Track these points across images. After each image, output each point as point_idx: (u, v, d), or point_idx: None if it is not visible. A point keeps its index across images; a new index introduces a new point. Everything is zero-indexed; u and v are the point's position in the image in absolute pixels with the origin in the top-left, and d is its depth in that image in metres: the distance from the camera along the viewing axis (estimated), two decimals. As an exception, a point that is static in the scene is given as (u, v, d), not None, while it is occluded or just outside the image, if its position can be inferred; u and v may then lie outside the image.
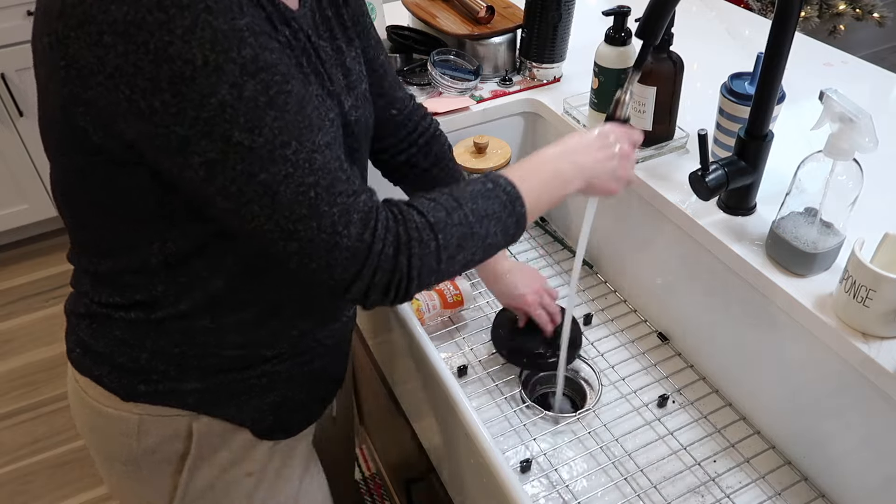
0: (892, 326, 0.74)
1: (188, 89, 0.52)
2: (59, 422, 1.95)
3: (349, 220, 0.59)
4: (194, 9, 0.51)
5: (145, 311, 0.70)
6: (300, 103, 0.57)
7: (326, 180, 0.58)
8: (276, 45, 0.55)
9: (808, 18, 2.52)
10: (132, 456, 0.75)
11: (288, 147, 0.55)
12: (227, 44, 0.52)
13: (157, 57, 0.51)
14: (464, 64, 1.25)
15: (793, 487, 0.88)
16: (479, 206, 0.66)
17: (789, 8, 0.76)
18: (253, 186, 0.56)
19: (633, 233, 1.09)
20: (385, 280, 0.62)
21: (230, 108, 0.53)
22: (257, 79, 0.53)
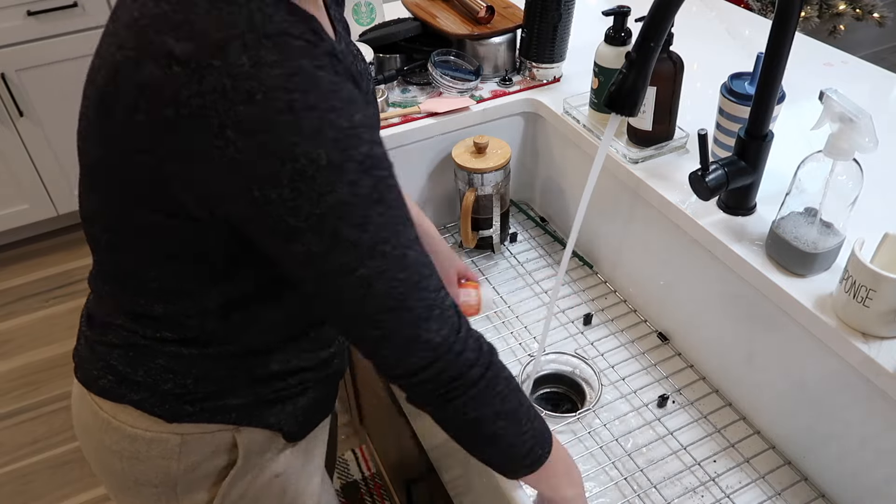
0: (892, 326, 0.74)
1: (307, 186, 0.53)
2: (59, 422, 1.95)
3: (430, 316, 0.60)
4: (321, 109, 0.52)
5: (198, 347, 0.70)
6: (399, 196, 0.58)
7: (416, 277, 0.59)
8: (378, 138, 0.57)
9: (808, 18, 2.52)
10: (169, 477, 0.75)
11: (387, 243, 0.57)
12: (348, 143, 0.53)
13: (282, 156, 0.52)
14: (464, 64, 1.25)
15: (793, 487, 0.88)
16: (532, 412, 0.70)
17: (789, 8, 0.76)
18: (349, 279, 0.57)
19: (633, 233, 1.09)
20: (449, 378, 0.63)
21: (345, 206, 0.54)
22: (371, 175, 0.55)
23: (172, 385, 0.71)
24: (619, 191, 1.07)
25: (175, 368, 0.71)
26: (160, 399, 0.72)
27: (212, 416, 0.73)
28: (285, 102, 0.51)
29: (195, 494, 0.77)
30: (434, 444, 1.03)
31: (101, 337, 0.73)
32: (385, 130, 1.15)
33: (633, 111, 0.78)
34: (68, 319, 2.26)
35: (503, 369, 0.67)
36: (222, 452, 0.76)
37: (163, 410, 0.72)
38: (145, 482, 0.76)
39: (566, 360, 1.06)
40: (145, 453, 0.74)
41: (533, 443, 0.70)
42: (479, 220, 1.19)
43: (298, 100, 0.51)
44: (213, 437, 0.74)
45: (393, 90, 1.26)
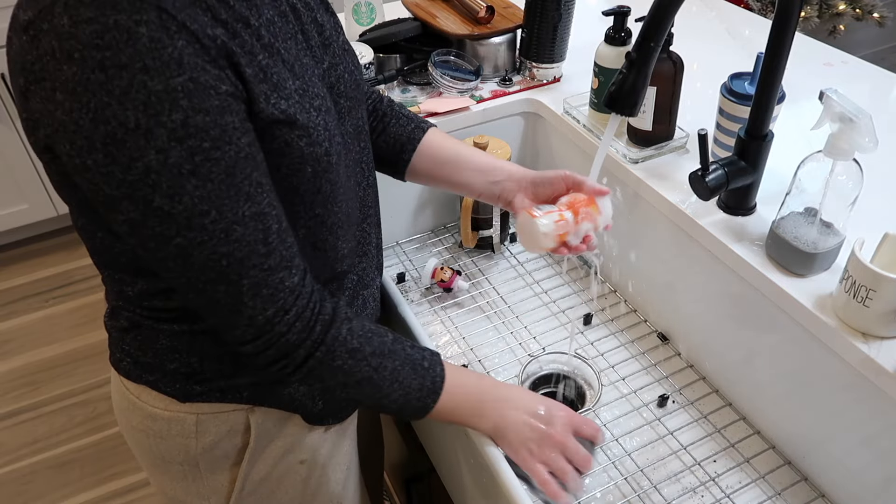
0: (892, 326, 0.74)
1: (118, 151, 0.53)
2: (59, 422, 1.96)
3: (256, 293, 0.61)
4: (132, 69, 0.51)
5: (188, 323, 0.71)
6: (229, 170, 0.56)
7: (242, 252, 0.59)
8: (214, 104, 0.54)
9: (808, 18, 2.52)
10: (190, 455, 0.77)
11: (206, 216, 0.57)
12: (159, 106, 0.52)
13: (95, 117, 0.52)
14: (464, 64, 1.25)
15: (793, 487, 0.88)
16: (403, 371, 0.71)
17: (789, 8, 0.76)
18: (168, 248, 0.58)
19: (632, 233, 1.09)
20: (274, 357, 0.66)
21: (154, 174, 0.54)
22: (184, 145, 0.54)
23: (178, 365, 0.73)
24: (620, 191, 1.07)
25: (178, 348, 0.72)
26: (171, 379, 0.74)
27: (223, 395, 0.75)
28: (97, 61, 0.51)
29: (218, 473, 0.79)
30: (434, 444, 1.03)
31: (114, 322, 0.76)
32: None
33: (633, 111, 0.78)
34: (68, 319, 2.26)
35: (347, 341, 0.67)
36: (238, 432, 0.77)
37: (174, 390, 0.74)
38: (171, 460, 0.78)
39: (566, 360, 1.06)
40: (166, 432, 0.76)
41: (403, 400, 0.72)
42: (479, 220, 1.19)
43: (109, 58, 0.51)
44: (228, 417, 0.76)
45: (393, 90, 1.26)
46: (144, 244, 0.58)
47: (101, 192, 0.56)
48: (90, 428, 1.94)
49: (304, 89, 0.63)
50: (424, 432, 1.06)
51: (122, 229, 0.58)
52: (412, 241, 1.29)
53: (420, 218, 1.29)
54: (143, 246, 0.59)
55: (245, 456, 0.78)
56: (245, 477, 0.79)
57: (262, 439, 0.78)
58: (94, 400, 2.01)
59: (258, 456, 0.79)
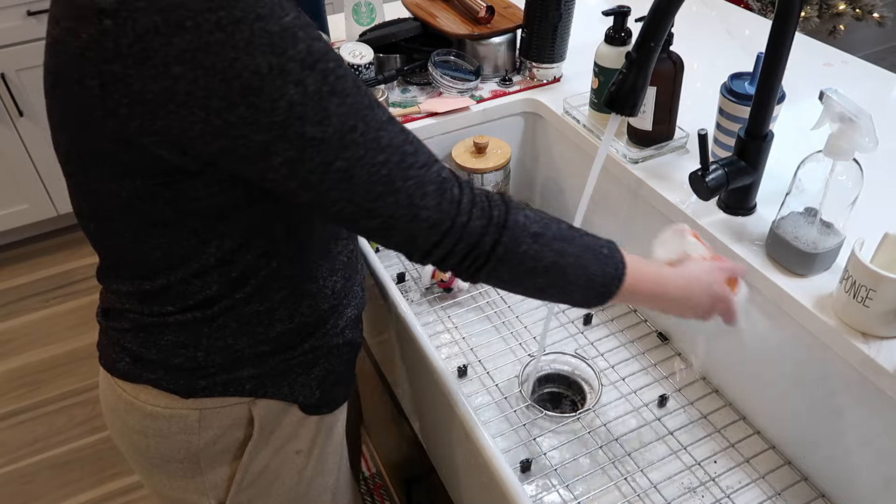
0: (892, 326, 0.74)
1: (259, 98, 0.54)
2: (59, 422, 1.95)
3: (425, 192, 0.61)
4: (248, 20, 0.53)
5: (201, 311, 0.71)
6: (356, 84, 0.58)
7: (396, 156, 0.60)
8: (316, 33, 0.57)
9: (808, 18, 2.52)
10: (191, 452, 0.77)
11: (355, 131, 0.58)
12: (283, 45, 0.54)
13: (226, 75, 0.53)
14: (464, 64, 1.25)
15: (793, 487, 0.88)
16: (585, 256, 0.68)
17: (789, 8, 0.76)
18: (331, 174, 0.58)
19: (633, 233, 1.09)
20: (464, 251, 0.63)
21: (299, 106, 0.55)
22: (316, 70, 0.55)
23: (183, 359, 0.73)
24: (619, 191, 1.07)
25: (184, 342, 0.72)
26: (174, 375, 0.74)
27: (225, 388, 0.75)
28: (213, 22, 0.52)
29: (218, 468, 0.79)
30: (434, 444, 1.03)
31: (115, 324, 0.75)
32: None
33: (633, 111, 0.78)
34: (68, 319, 2.26)
35: (527, 225, 0.65)
36: (240, 426, 0.78)
37: (177, 386, 0.74)
38: (170, 458, 0.78)
39: (566, 360, 1.06)
40: (167, 430, 0.76)
41: (587, 286, 0.68)
42: (479, 220, 1.19)
43: (224, 17, 0.52)
44: (230, 411, 0.76)
45: (393, 90, 1.26)
46: (308, 182, 0.58)
47: (253, 143, 0.56)
48: (90, 428, 1.94)
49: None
50: (424, 432, 1.06)
51: (281, 174, 0.58)
52: (412, 241, 1.29)
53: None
54: (307, 185, 0.59)
55: (247, 448, 0.79)
56: (245, 470, 0.80)
57: (264, 431, 0.79)
58: (94, 400, 2.01)
59: (260, 448, 0.79)
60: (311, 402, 0.81)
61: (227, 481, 0.81)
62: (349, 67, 0.59)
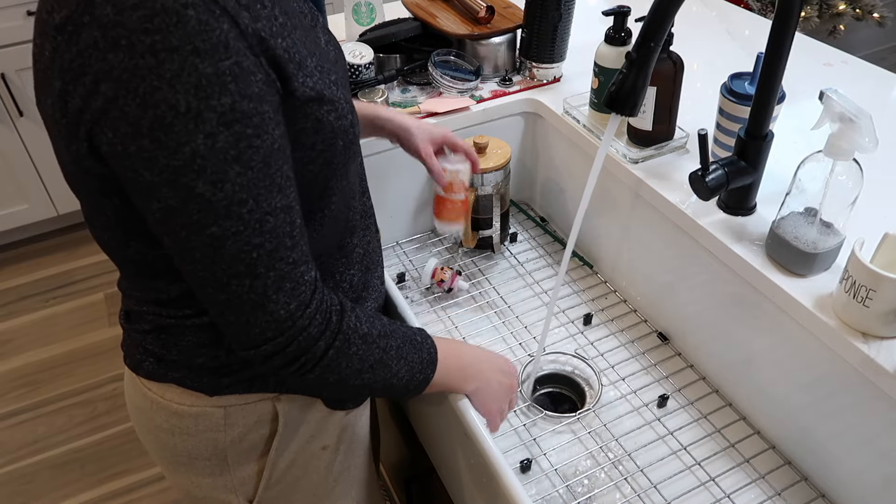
0: (892, 326, 0.74)
1: (166, 136, 0.52)
2: (59, 422, 1.95)
3: (280, 287, 0.61)
4: (182, 51, 0.51)
5: None
6: (266, 160, 0.56)
7: (271, 244, 0.59)
8: (255, 91, 0.54)
9: (808, 18, 2.52)
10: (218, 449, 0.77)
11: (244, 205, 0.56)
12: (209, 89, 0.52)
13: (143, 101, 0.51)
14: (464, 64, 1.25)
15: (793, 487, 0.88)
16: (405, 348, 0.73)
17: (789, 8, 0.76)
18: (201, 237, 0.57)
19: (633, 233, 1.09)
20: (295, 354, 0.64)
21: (200, 159, 0.53)
22: (231, 130, 0.53)
23: (205, 359, 0.73)
24: (619, 191, 1.07)
25: (205, 342, 0.72)
26: (198, 374, 0.74)
27: (249, 385, 0.75)
28: (147, 45, 0.50)
29: (246, 465, 0.80)
30: (434, 444, 1.03)
31: (136, 326, 0.76)
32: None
33: (633, 111, 0.78)
34: (68, 319, 2.26)
35: (357, 327, 0.68)
36: (265, 422, 0.78)
37: (202, 385, 0.74)
38: (197, 456, 0.78)
39: (566, 360, 1.06)
40: (194, 428, 0.76)
41: (409, 376, 0.73)
42: (479, 220, 1.19)
43: (159, 41, 0.50)
44: (255, 407, 0.76)
45: (393, 90, 1.26)
46: (175, 234, 0.57)
47: (141, 179, 0.55)
48: (90, 428, 1.94)
49: (321, 65, 0.63)
50: (424, 432, 1.06)
51: (154, 218, 0.57)
52: (412, 241, 1.29)
53: (420, 218, 1.29)
54: (173, 235, 0.58)
55: (273, 444, 0.79)
56: (272, 466, 0.80)
57: (289, 426, 0.79)
58: (94, 400, 2.01)
59: (286, 444, 0.80)
60: (334, 397, 0.81)
61: (255, 478, 0.81)
62: (273, 141, 0.57)
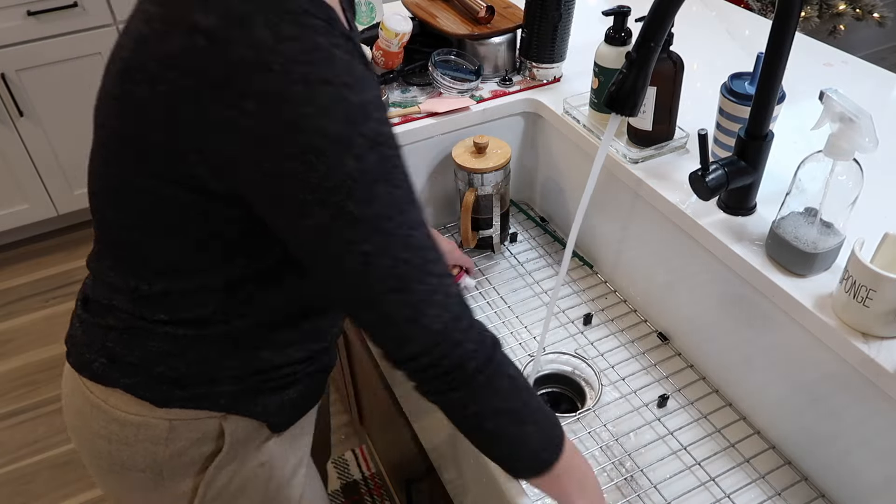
0: (892, 326, 0.74)
1: (317, 159, 0.54)
2: (59, 422, 1.95)
3: (431, 301, 0.61)
4: (335, 84, 0.54)
5: (195, 328, 0.71)
6: (406, 178, 0.59)
7: (419, 258, 0.60)
8: (387, 117, 0.58)
9: (808, 18, 2.52)
10: (156, 462, 0.75)
11: (391, 220, 0.58)
12: (358, 117, 0.55)
13: (291, 127, 0.54)
14: (464, 64, 1.25)
15: (793, 487, 0.88)
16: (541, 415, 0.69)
17: (789, 8, 0.76)
18: (351, 255, 0.58)
19: (633, 233, 1.09)
20: (448, 368, 0.63)
21: (351, 181, 0.55)
22: (377, 152, 0.56)
23: (165, 368, 0.72)
24: (619, 191, 1.07)
25: (170, 351, 0.71)
26: (152, 383, 0.72)
27: (200, 402, 0.74)
28: (301, 74, 0.53)
29: (180, 481, 0.77)
30: (434, 444, 1.03)
31: (99, 319, 0.74)
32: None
33: (633, 111, 0.78)
34: (68, 319, 2.26)
35: (508, 366, 0.66)
36: (209, 439, 0.76)
37: (153, 395, 0.73)
38: (132, 466, 0.76)
39: (566, 360, 1.06)
40: (133, 437, 0.74)
41: (538, 446, 0.69)
42: (479, 220, 1.19)
43: (313, 73, 0.53)
44: (201, 424, 0.75)
45: (393, 90, 1.26)
46: (326, 252, 0.58)
47: (292, 198, 0.56)
48: (90, 428, 1.94)
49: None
50: (424, 432, 1.06)
51: (305, 236, 0.58)
52: (412, 241, 1.29)
53: (420, 218, 1.28)
54: (323, 254, 0.59)
55: (214, 462, 0.77)
56: (208, 484, 0.78)
57: (234, 446, 0.77)
58: (94, 400, 2.01)
59: (227, 462, 0.78)
60: (280, 421, 0.81)
61: (189, 495, 0.78)
62: (404, 162, 0.60)
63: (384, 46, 1.20)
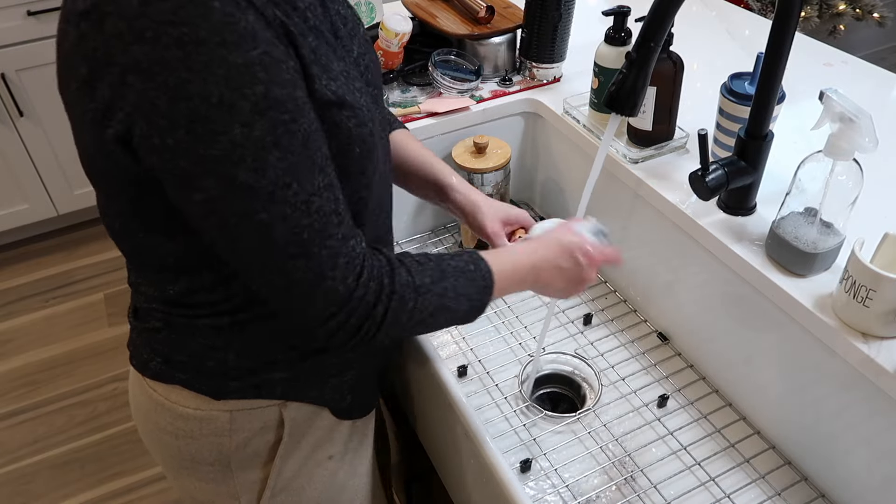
0: (892, 326, 0.74)
1: (202, 127, 0.53)
2: (59, 422, 1.96)
3: (335, 263, 0.61)
4: (210, 43, 0.51)
5: (231, 318, 0.71)
6: (305, 143, 0.57)
7: (320, 223, 0.59)
8: (286, 77, 0.55)
9: (808, 18, 2.52)
10: (223, 454, 0.77)
11: (289, 188, 0.57)
12: (240, 80, 0.52)
13: (174, 94, 0.52)
14: (464, 64, 1.25)
15: (793, 487, 0.88)
16: (459, 284, 0.71)
17: (789, 8, 0.76)
18: (250, 224, 0.57)
19: (633, 233, 1.09)
20: (357, 324, 0.64)
21: (239, 148, 0.54)
22: (266, 117, 0.54)
23: (214, 362, 0.73)
24: (619, 191, 1.07)
25: (215, 345, 0.72)
26: (206, 377, 0.74)
27: (257, 391, 0.75)
28: (174, 38, 0.50)
29: (249, 472, 0.79)
30: (434, 444, 1.03)
31: (145, 324, 0.75)
32: (385, 130, 1.15)
33: (633, 111, 0.78)
34: (68, 319, 2.26)
35: (409, 282, 0.67)
36: (271, 428, 0.77)
37: (208, 388, 0.74)
38: (201, 460, 0.78)
39: (566, 360, 1.06)
40: (198, 431, 0.76)
41: (469, 307, 0.72)
42: (479, 220, 1.19)
43: (187, 34, 0.50)
44: (262, 413, 0.76)
45: (393, 90, 1.26)
46: (222, 224, 0.57)
47: (181, 170, 0.55)
48: (90, 428, 1.94)
49: (347, 72, 0.64)
50: (424, 432, 1.06)
51: (197, 210, 0.57)
52: (412, 241, 1.29)
53: (420, 218, 1.29)
54: (220, 226, 0.58)
55: (278, 451, 0.78)
56: (277, 474, 0.79)
57: (294, 434, 0.78)
58: (94, 400, 2.01)
59: (291, 452, 0.79)
60: (342, 406, 0.81)
61: (258, 485, 0.80)
62: (310, 124, 0.57)
63: (384, 46, 1.20)
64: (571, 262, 0.78)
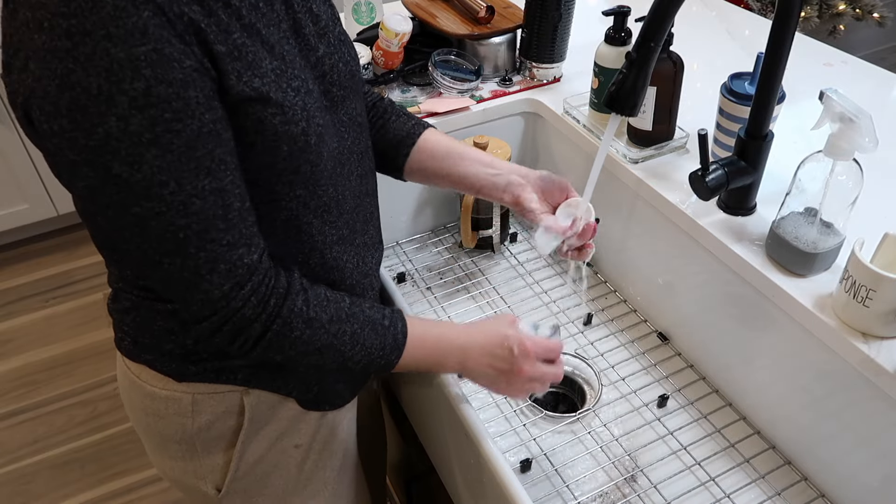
0: (892, 326, 0.74)
1: (82, 117, 0.54)
2: (59, 422, 1.96)
3: (213, 269, 0.62)
4: (95, 35, 0.52)
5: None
6: (190, 143, 0.57)
7: (200, 226, 0.60)
8: (177, 76, 0.55)
9: (808, 18, 2.52)
10: (186, 435, 0.78)
11: (165, 187, 0.57)
12: (120, 74, 0.53)
13: (61, 83, 0.53)
14: (464, 64, 1.25)
15: (793, 487, 0.88)
16: (363, 333, 0.72)
17: (789, 8, 0.76)
18: (126, 217, 0.58)
19: (633, 233, 1.09)
20: (231, 332, 0.66)
21: (114, 141, 0.55)
22: (145, 114, 0.54)
23: (174, 346, 0.74)
24: (619, 191, 1.07)
25: (174, 329, 0.73)
26: (168, 359, 0.75)
27: (217, 375, 0.76)
28: (63, 29, 0.52)
29: (214, 454, 0.80)
30: (434, 444, 1.03)
31: (116, 304, 0.77)
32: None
33: (633, 111, 0.78)
34: (68, 319, 2.26)
35: (302, 311, 0.67)
36: (233, 413, 0.78)
37: (170, 370, 0.76)
38: (169, 438, 0.79)
39: (566, 360, 1.06)
40: (164, 410, 0.77)
41: (367, 360, 0.73)
42: (479, 220, 1.19)
43: (75, 25, 0.52)
44: (223, 398, 0.77)
45: (393, 90, 1.26)
46: (103, 212, 0.59)
47: (65, 157, 0.56)
48: (90, 428, 1.94)
49: (283, 69, 0.63)
50: (424, 432, 1.06)
51: (80, 196, 0.60)
52: (412, 241, 1.29)
53: (420, 218, 1.29)
54: (101, 214, 0.59)
55: (240, 436, 0.79)
56: (239, 458, 0.80)
57: (257, 421, 0.79)
58: (94, 400, 2.01)
59: (252, 438, 0.80)
60: (308, 397, 0.81)
61: (223, 468, 0.81)
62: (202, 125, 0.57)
63: (384, 46, 1.20)
64: (504, 351, 0.77)
